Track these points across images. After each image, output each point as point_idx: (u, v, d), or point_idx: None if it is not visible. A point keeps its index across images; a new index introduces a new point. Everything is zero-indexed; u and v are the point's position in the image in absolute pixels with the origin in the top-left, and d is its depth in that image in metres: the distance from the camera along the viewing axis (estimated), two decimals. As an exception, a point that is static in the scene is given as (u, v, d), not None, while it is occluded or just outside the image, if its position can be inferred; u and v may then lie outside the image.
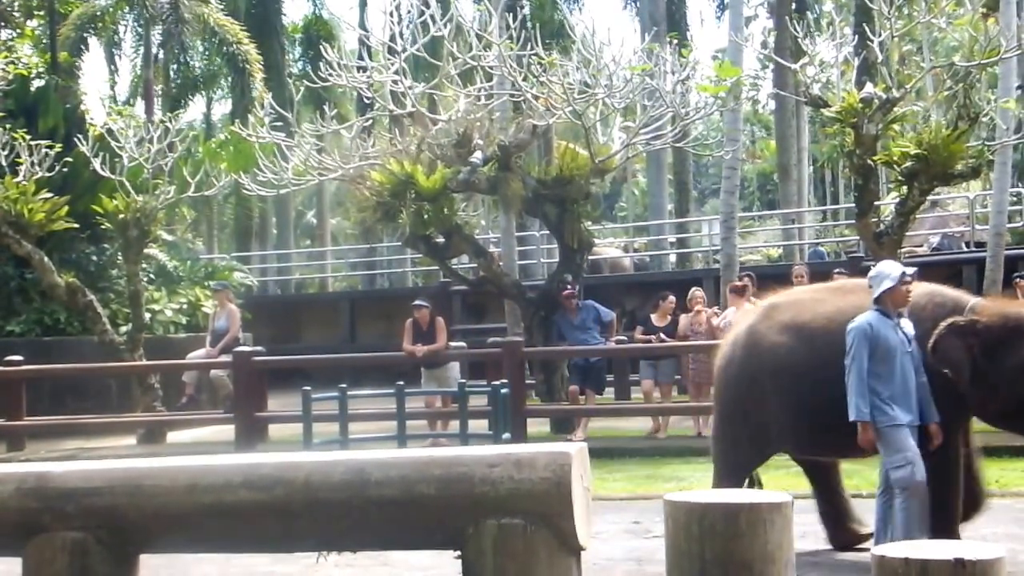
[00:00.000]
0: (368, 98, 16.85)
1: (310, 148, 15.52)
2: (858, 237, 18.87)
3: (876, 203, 14.37)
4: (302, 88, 17.61)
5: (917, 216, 15.24)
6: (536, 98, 14.55)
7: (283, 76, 32.60)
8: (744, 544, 5.70)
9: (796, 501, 6.26)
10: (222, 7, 31.22)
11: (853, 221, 16.83)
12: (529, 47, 14.28)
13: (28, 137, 15.98)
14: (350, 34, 38.00)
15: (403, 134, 15.78)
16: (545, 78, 14.25)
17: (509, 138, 15.06)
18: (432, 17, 14.60)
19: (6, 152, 15.58)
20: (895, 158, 13.02)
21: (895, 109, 13.13)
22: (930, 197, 15.78)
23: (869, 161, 12.99)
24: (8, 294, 17.93)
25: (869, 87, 13.21)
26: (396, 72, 14.81)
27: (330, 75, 15.04)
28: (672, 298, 14.36)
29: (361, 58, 16.60)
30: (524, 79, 14.42)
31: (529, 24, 15.41)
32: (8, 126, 16.13)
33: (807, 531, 7.84)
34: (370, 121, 17.70)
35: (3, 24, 23.99)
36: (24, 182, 15.43)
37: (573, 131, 24.07)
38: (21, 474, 5.18)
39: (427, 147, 14.90)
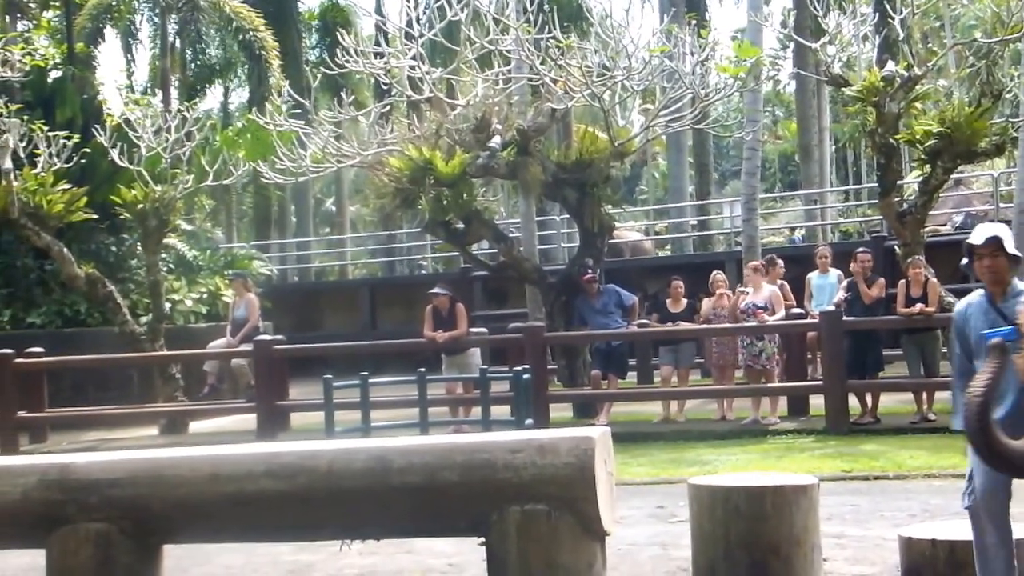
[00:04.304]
0: (385, 84, 16.78)
1: (328, 135, 15.46)
2: (881, 216, 18.73)
3: (899, 182, 14.27)
4: (319, 75, 17.53)
5: (940, 194, 15.11)
6: (554, 81, 14.46)
7: (300, 63, 32.57)
8: (770, 527, 5.68)
9: (822, 483, 6.23)
10: (238, -6, 31.20)
11: (876, 201, 16.69)
12: (547, 30, 14.19)
13: (46, 128, 16.01)
14: (367, 20, 37.86)
15: (421, 120, 15.71)
16: (563, 61, 14.15)
17: (528, 122, 14.98)
18: (449, 2, 14.51)
19: (24, 144, 15.60)
20: (918, 136, 12.92)
21: (917, 87, 13.02)
22: (953, 175, 15.64)
23: (891, 140, 12.89)
24: (28, 286, 17.98)
25: (891, 65, 13.09)
26: (413, 58, 14.74)
27: (347, 62, 14.97)
28: (678, 282, 14.26)
29: (378, 44, 16.47)
30: (542, 63, 14.33)
31: (546, 7, 15.32)
32: (26, 117, 16.15)
33: (833, 513, 7.78)
34: (388, 107, 17.61)
35: (20, 15, 24.01)
36: (42, 173, 15.46)
37: (592, 114, 24.00)
38: (44, 466, 5.17)
39: (445, 132, 14.83)
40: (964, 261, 5.07)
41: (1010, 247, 4.90)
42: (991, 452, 4.02)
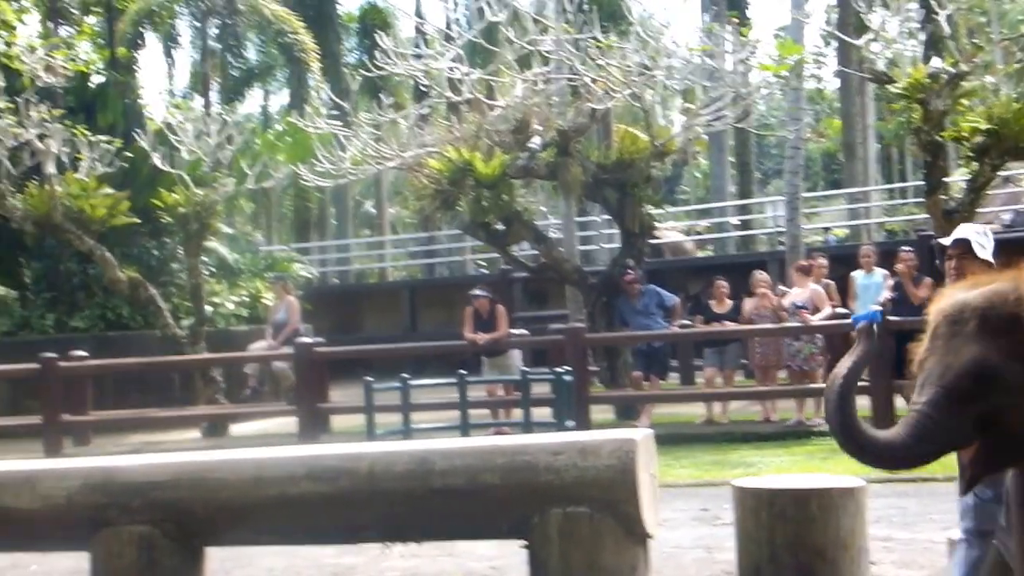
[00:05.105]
0: (425, 86, 16.79)
1: (367, 137, 15.48)
2: (927, 215, 18.51)
3: (945, 180, 14.06)
4: (358, 78, 17.53)
5: (988, 192, 14.88)
6: (594, 81, 14.40)
7: (339, 66, 32.67)
8: (816, 530, 5.59)
9: (869, 485, 6.13)
10: (277, -3, 31.31)
11: (922, 199, 16.48)
12: (586, 30, 14.14)
13: (88, 133, 16.14)
14: (406, 22, 38.02)
15: (460, 121, 15.69)
16: (603, 61, 14.09)
17: (568, 123, 14.93)
18: (488, 2, 14.50)
19: (67, 149, 15.73)
20: (964, 133, 12.71)
21: (963, 83, 12.82)
22: (1001, 172, 15.40)
23: (937, 137, 12.69)
24: (71, 289, 18.13)
25: (936, 61, 12.90)
26: (453, 59, 14.74)
27: (386, 64, 14.99)
28: (721, 281, 14.15)
29: (417, 46, 16.52)
30: (582, 63, 14.28)
31: (586, 7, 15.26)
32: (68, 123, 16.28)
33: (880, 516, 7.67)
34: (427, 109, 17.64)
35: (62, 21, 24.19)
36: (85, 178, 15.57)
37: (632, 114, 23.89)
38: (87, 469, 5.19)
39: (485, 134, 14.81)
40: (936, 261, 4.96)
41: (981, 252, 4.74)
42: (853, 442, 3.79)
